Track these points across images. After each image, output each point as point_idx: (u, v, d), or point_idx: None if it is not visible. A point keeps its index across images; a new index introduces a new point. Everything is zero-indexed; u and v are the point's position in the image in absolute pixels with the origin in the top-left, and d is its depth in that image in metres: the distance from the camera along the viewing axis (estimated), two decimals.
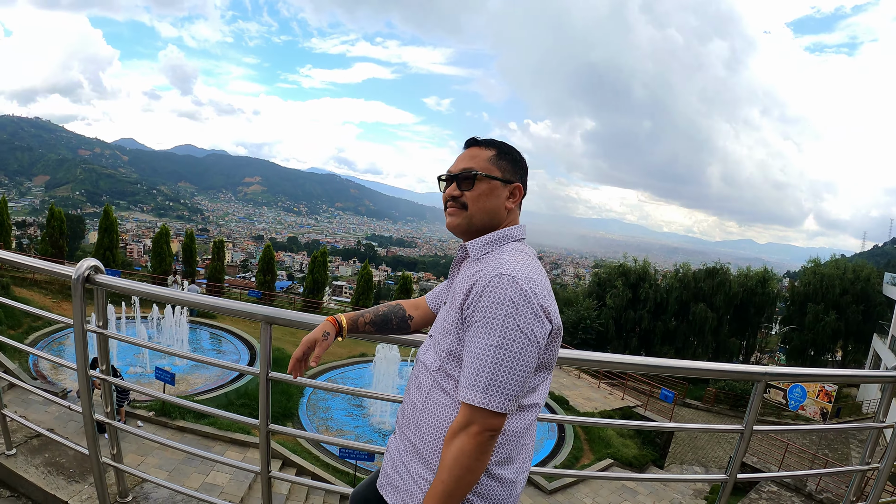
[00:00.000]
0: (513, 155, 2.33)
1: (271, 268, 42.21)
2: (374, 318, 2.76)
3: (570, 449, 20.40)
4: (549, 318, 2.03)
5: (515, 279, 1.99)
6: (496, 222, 2.29)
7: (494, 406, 1.95)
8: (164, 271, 39.36)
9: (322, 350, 2.55)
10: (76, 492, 4.28)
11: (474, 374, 1.98)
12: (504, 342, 1.94)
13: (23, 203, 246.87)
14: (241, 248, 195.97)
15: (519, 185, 2.32)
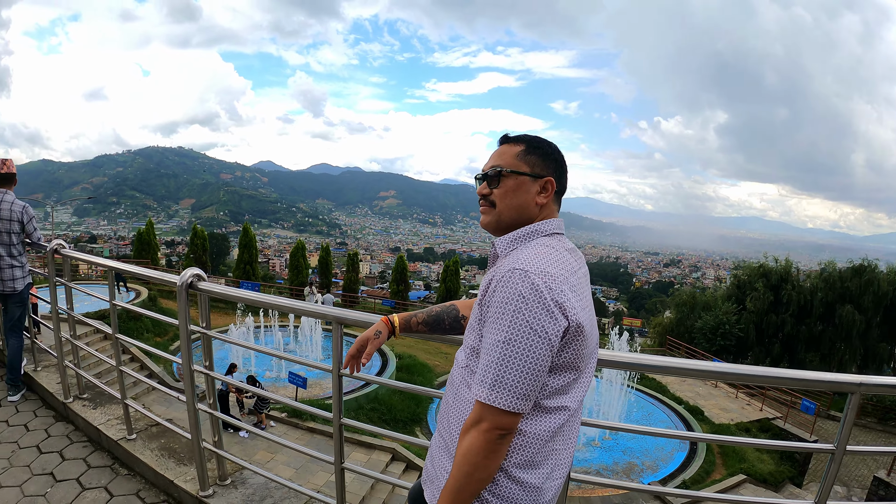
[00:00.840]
0: (543, 149, 2.23)
1: (404, 278, 42.92)
2: (426, 318, 2.73)
3: (701, 462, 19.11)
4: (565, 314, 1.90)
5: (528, 273, 1.90)
6: (526, 218, 2.21)
7: (501, 403, 1.88)
8: (301, 283, 40.54)
9: (374, 348, 2.59)
10: (182, 473, 4.66)
11: (484, 370, 1.93)
12: (511, 338, 1.87)
13: (171, 224, 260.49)
14: (378, 260, 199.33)
15: (550, 178, 2.19)
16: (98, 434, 5.49)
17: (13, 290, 6.42)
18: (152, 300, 28.07)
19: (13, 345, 6.53)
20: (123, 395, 5.17)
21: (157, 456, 4.94)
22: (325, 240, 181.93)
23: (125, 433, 5.28)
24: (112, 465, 5.12)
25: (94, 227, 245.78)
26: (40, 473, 5.01)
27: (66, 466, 5.12)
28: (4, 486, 4.82)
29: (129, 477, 4.94)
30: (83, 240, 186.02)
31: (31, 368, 7.04)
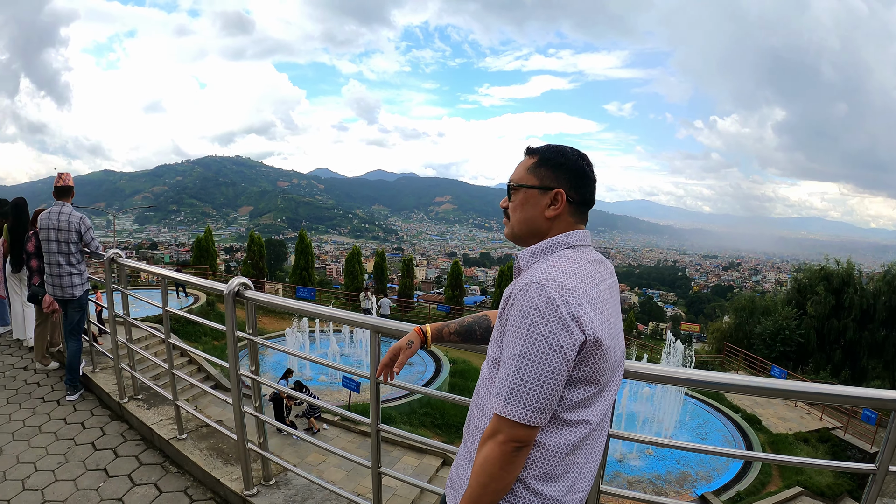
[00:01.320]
0: (555, 160, 2.19)
1: (459, 283, 42.97)
2: (458, 328, 2.76)
3: (756, 473, 18.50)
4: (582, 328, 1.89)
5: (544, 287, 1.89)
6: (536, 231, 2.21)
7: (516, 416, 1.88)
8: (357, 288, 40.85)
9: (406, 357, 2.63)
10: (229, 472, 4.84)
11: (500, 382, 1.94)
12: (526, 351, 1.87)
13: (230, 231, 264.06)
14: (434, 265, 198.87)
15: (559, 190, 2.14)
16: (151, 433, 5.73)
17: (72, 297, 6.72)
18: (210, 305, 28.66)
19: (72, 347, 6.81)
20: (175, 397, 5.41)
21: (205, 455, 5.14)
22: (382, 245, 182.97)
23: (176, 433, 5.52)
24: (162, 463, 5.35)
25: (154, 235, 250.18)
26: (94, 469, 5.26)
27: (119, 463, 5.37)
28: (60, 479, 5.08)
29: (179, 475, 5.15)
30: (144, 246, 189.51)
31: (89, 370, 7.34)
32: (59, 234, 6.57)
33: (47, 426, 6.24)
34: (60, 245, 6.60)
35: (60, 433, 6.05)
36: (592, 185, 2.21)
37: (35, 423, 6.31)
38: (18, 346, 9.26)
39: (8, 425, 6.29)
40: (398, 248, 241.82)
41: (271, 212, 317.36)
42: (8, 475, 5.19)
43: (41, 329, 7.99)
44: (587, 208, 2.23)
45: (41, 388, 7.41)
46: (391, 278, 48.45)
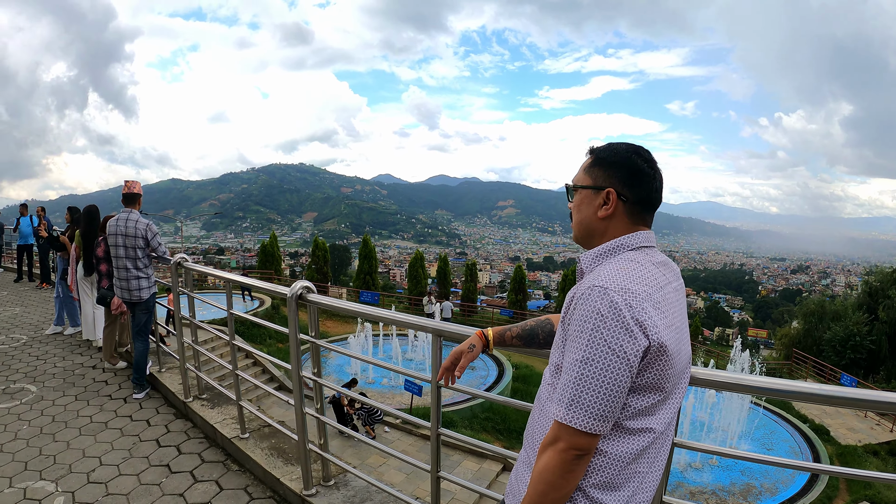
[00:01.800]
0: (608, 158, 2.12)
1: (522, 287, 42.83)
2: (521, 332, 2.70)
3: (823, 487, 17.50)
4: (646, 334, 1.82)
5: (607, 290, 1.82)
6: (592, 233, 2.16)
7: (577, 423, 1.82)
8: (420, 293, 41.02)
9: (467, 361, 2.61)
10: (289, 472, 4.92)
11: (562, 389, 1.88)
12: (589, 357, 1.81)
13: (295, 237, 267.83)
14: (498, 270, 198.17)
15: (610, 189, 2.08)
16: (214, 432, 5.88)
17: (139, 299, 6.93)
18: (275, 308, 29.12)
19: (139, 348, 7.02)
20: (238, 397, 5.54)
21: (266, 455, 5.24)
22: (445, 250, 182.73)
23: (238, 432, 5.65)
24: (224, 461, 5.47)
25: (221, 240, 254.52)
26: (157, 465, 5.42)
27: (182, 460, 5.51)
28: (123, 473, 5.25)
29: (240, 473, 5.27)
30: (211, 252, 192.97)
31: (155, 370, 7.53)
32: (127, 239, 6.78)
33: (113, 422, 6.45)
34: (128, 250, 6.81)
35: (126, 429, 6.24)
36: (650, 183, 2.09)
37: (102, 420, 6.53)
38: (88, 346, 9.58)
39: (75, 421, 6.52)
40: (461, 252, 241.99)
41: (335, 217, 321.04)
42: (74, 468, 5.38)
43: (110, 330, 8.23)
44: (647, 208, 2.13)
45: (109, 386, 7.66)
46: (454, 283, 48.44)
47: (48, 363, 8.73)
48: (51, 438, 6.07)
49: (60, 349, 9.53)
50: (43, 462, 5.52)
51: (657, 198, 2.13)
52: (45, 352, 9.39)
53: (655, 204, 2.13)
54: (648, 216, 2.14)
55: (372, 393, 21.47)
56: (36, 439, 6.05)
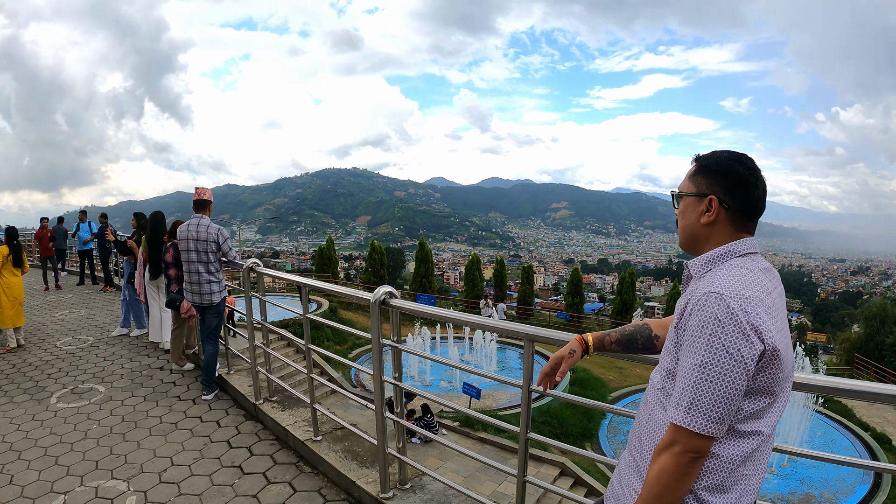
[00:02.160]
0: (710, 166, 2.16)
1: (579, 290, 42.54)
2: (620, 337, 2.70)
3: (884, 497, 16.92)
4: (761, 338, 1.85)
5: (723, 297, 1.87)
6: (696, 239, 2.21)
7: (696, 427, 1.86)
8: (476, 296, 41.06)
9: (567, 366, 2.59)
10: (364, 475, 4.94)
11: (679, 393, 1.92)
12: (707, 361, 1.85)
13: (349, 240, 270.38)
14: (552, 272, 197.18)
15: (712, 197, 2.12)
16: (285, 434, 5.93)
17: (210, 303, 7.02)
18: (333, 311, 29.31)
19: (209, 350, 7.11)
20: (313, 400, 5.58)
21: (340, 457, 5.27)
22: (499, 252, 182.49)
23: (311, 434, 5.69)
24: (297, 463, 5.51)
25: (276, 244, 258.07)
26: (229, 466, 5.49)
27: (254, 461, 5.57)
28: (195, 474, 5.33)
29: (313, 475, 5.30)
30: (266, 255, 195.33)
31: (224, 371, 7.59)
32: (199, 244, 6.87)
33: (183, 423, 6.56)
34: (200, 255, 6.90)
35: (196, 430, 6.34)
36: (753, 191, 2.11)
37: (171, 420, 6.64)
38: (154, 348, 9.77)
39: (145, 421, 6.65)
40: (515, 255, 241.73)
41: (388, 221, 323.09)
42: (145, 468, 5.48)
43: (178, 332, 8.35)
44: (749, 216, 2.15)
45: (177, 387, 7.79)
46: (508, 285, 48.35)
47: (115, 364, 8.92)
48: (121, 438, 6.19)
49: (127, 350, 9.74)
50: (114, 461, 5.62)
51: (760, 205, 2.14)
52: (112, 353, 9.60)
53: (758, 212, 2.15)
54: (751, 223, 2.16)
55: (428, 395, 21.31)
56: (106, 439, 6.18)
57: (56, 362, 9.09)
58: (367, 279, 44.36)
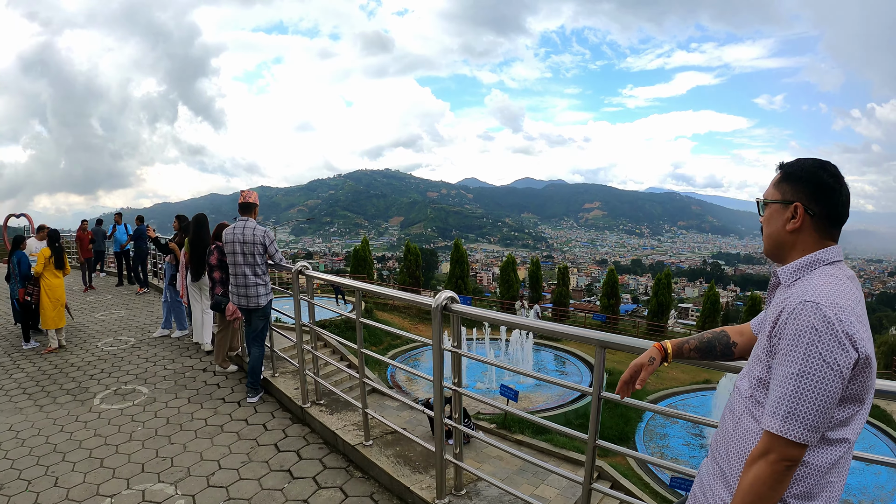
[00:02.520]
0: (796, 173, 2.17)
1: (615, 291, 42.35)
2: (698, 344, 2.70)
3: None
4: (856, 347, 1.87)
5: (819, 306, 1.88)
6: (781, 246, 2.21)
7: (793, 435, 1.87)
8: (512, 297, 41.02)
9: (647, 374, 2.59)
10: (418, 480, 4.89)
11: (776, 402, 1.93)
12: (805, 371, 1.86)
13: (381, 241, 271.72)
14: (585, 273, 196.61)
15: (797, 204, 2.13)
16: (334, 438, 5.89)
17: (257, 306, 7.01)
18: (368, 311, 29.19)
19: (255, 353, 7.11)
20: (364, 405, 5.56)
21: (392, 462, 5.21)
22: (532, 253, 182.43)
23: (362, 439, 5.65)
24: (346, 468, 5.48)
25: (310, 245, 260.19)
26: (277, 470, 5.46)
27: (303, 465, 5.54)
28: (244, 478, 5.31)
29: (364, 480, 5.26)
30: (300, 256, 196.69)
31: (269, 374, 7.58)
32: (245, 246, 6.86)
33: (229, 426, 6.55)
34: (246, 257, 6.89)
35: (242, 433, 6.32)
36: (837, 198, 2.11)
37: (217, 423, 6.63)
38: (196, 349, 9.80)
39: (190, 423, 6.64)
40: (548, 255, 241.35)
41: (421, 222, 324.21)
42: (192, 471, 5.46)
43: (222, 334, 8.35)
44: (834, 223, 2.14)
45: (221, 389, 7.80)
46: (543, 286, 48.22)
47: (158, 365, 8.97)
48: (166, 440, 6.19)
49: (169, 351, 9.78)
50: (160, 464, 5.62)
51: (844, 212, 2.13)
52: (154, 354, 9.66)
53: (842, 219, 2.15)
54: (835, 231, 2.16)
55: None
56: (151, 441, 6.17)
57: (98, 363, 9.17)
58: (402, 280, 44.50)
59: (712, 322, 39.16)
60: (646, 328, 39.91)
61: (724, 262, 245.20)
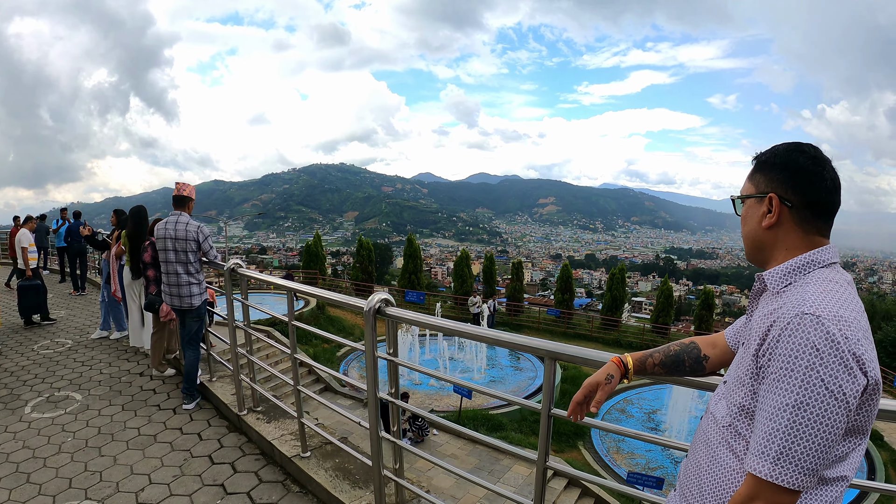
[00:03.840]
0: (768, 161, 1.91)
1: (569, 286, 42.32)
2: (664, 358, 2.38)
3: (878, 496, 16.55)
4: (864, 370, 1.55)
5: (821, 319, 1.56)
6: (761, 246, 1.92)
7: (786, 481, 1.55)
8: (466, 292, 40.90)
9: (605, 395, 2.27)
10: (357, 497, 4.55)
11: (765, 439, 1.60)
12: (803, 401, 1.53)
13: (336, 236, 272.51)
14: (539, 268, 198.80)
15: (772, 195, 1.85)
16: (271, 448, 5.53)
17: (190, 306, 6.65)
18: (321, 308, 28.94)
19: (190, 356, 6.74)
20: (300, 413, 5.17)
21: (331, 476, 4.89)
22: (487, 248, 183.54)
23: (299, 450, 5.30)
24: (284, 482, 5.12)
25: (263, 240, 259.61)
26: (211, 484, 5.09)
27: (238, 479, 5.18)
28: (175, 494, 4.92)
29: (301, 495, 4.91)
30: (254, 251, 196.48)
31: (206, 378, 7.24)
32: (177, 243, 6.49)
33: (163, 435, 6.16)
34: (178, 254, 6.52)
35: (176, 444, 5.93)
36: (819, 183, 1.79)
37: (150, 432, 6.23)
38: (135, 352, 9.38)
39: (122, 433, 6.24)
40: (503, 250, 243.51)
41: (376, 216, 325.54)
42: (121, 486, 5.07)
43: (158, 336, 7.97)
44: (819, 213, 1.83)
45: (157, 395, 7.40)
46: (497, 281, 48.25)
47: (94, 369, 8.53)
48: (97, 452, 5.77)
49: (106, 354, 9.34)
50: (88, 479, 5.21)
51: (830, 200, 1.81)
52: (91, 357, 9.20)
53: (829, 207, 1.83)
54: (822, 223, 1.84)
55: (419, 394, 21.32)
56: (81, 453, 5.76)
57: (32, 367, 8.67)
58: (355, 276, 44.17)
59: (666, 316, 39.67)
60: (600, 322, 40.04)
61: (677, 257, 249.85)
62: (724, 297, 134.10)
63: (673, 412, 21.84)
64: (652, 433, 3.14)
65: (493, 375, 25.55)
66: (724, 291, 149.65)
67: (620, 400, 23.72)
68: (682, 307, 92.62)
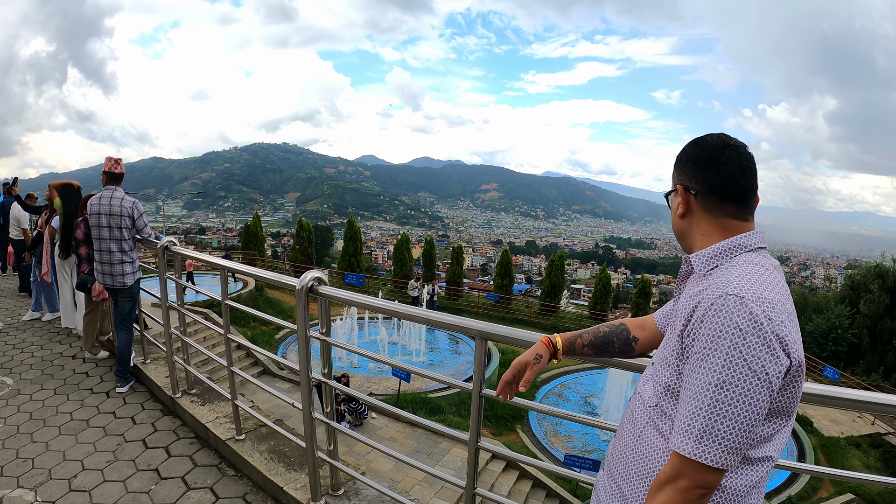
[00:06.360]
0: (679, 155, 1.97)
1: (509, 272, 42.51)
2: (593, 339, 2.41)
3: (807, 479, 17.83)
4: (787, 352, 1.58)
5: (744, 300, 1.59)
6: (681, 236, 1.99)
7: (709, 459, 1.57)
8: (406, 275, 40.93)
9: (533, 374, 2.27)
10: (292, 479, 4.51)
11: (689, 417, 1.62)
12: (726, 380, 1.56)
13: (277, 217, 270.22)
14: (480, 253, 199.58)
15: (679, 186, 1.94)
16: (206, 432, 5.44)
17: (122, 285, 6.49)
18: (259, 290, 28.68)
19: (123, 338, 6.58)
20: (234, 396, 5.08)
21: (265, 459, 4.82)
22: (428, 232, 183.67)
23: (234, 433, 5.21)
24: (219, 465, 5.04)
25: (203, 220, 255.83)
26: (145, 469, 4.98)
27: (172, 463, 5.08)
28: (108, 480, 4.82)
29: (236, 479, 4.84)
30: (193, 231, 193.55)
31: (140, 360, 7.11)
32: (111, 219, 6.32)
33: (96, 420, 6.00)
34: (112, 231, 6.34)
35: (109, 428, 5.79)
36: (717, 167, 1.83)
37: (83, 417, 6.07)
38: (67, 334, 9.13)
39: (55, 418, 6.06)
40: (444, 235, 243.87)
41: (318, 198, 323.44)
42: (54, 473, 4.94)
43: (91, 317, 7.76)
44: (726, 196, 1.85)
45: (90, 378, 7.21)
46: (437, 265, 48.32)
47: (25, 353, 8.25)
48: (28, 439, 5.60)
49: (38, 337, 9.06)
50: (20, 467, 5.05)
51: (732, 182, 1.84)
52: (22, 340, 8.90)
53: (734, 190, 1.85)
54: (732, 207, 1.86)
55: (358, 378, 21.17)
56: (12, 440, 5.57)
57: None
58: (294, 257, 43.73)
59: (604, 303, 39.94)
60: (539, 308, 40.29)
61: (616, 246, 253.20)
62: (662, 286, 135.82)
63: (609, 396, 22.21)
64: (590, 416, 3.17)
65: (433, 359, 25.63)
66: (661, 280, 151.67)
67: (557, 384, 24.02)
68: (619, 295, 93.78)
